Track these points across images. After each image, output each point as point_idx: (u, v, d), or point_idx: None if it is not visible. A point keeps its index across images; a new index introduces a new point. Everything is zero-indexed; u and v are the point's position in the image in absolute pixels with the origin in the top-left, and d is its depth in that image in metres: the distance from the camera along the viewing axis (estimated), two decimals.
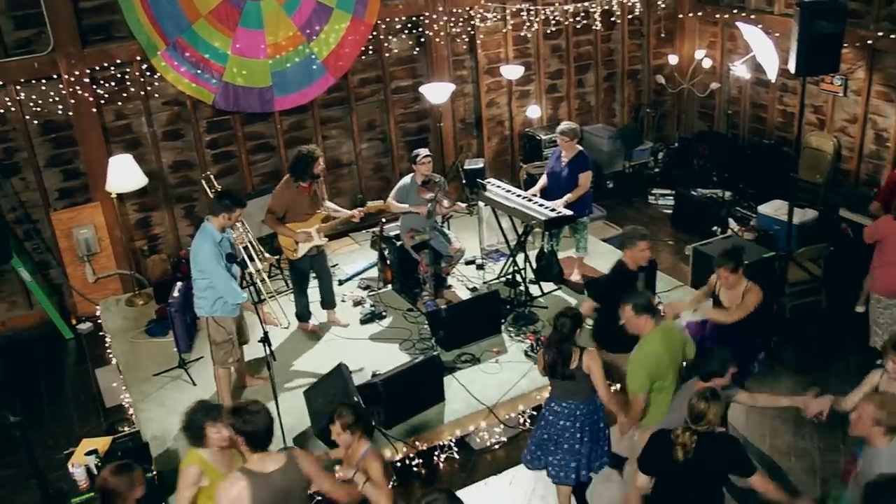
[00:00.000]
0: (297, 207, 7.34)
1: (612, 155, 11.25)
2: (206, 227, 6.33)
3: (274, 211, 7.35)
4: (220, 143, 9.60)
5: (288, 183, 7.36)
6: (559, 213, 7.67)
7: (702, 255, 8.24)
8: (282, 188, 7.41)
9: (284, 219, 7.36)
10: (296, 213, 7.34)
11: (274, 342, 7.69)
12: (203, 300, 6.46)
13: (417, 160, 7.94)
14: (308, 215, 7.40)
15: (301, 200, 7.35)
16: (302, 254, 7.45)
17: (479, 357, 7.39)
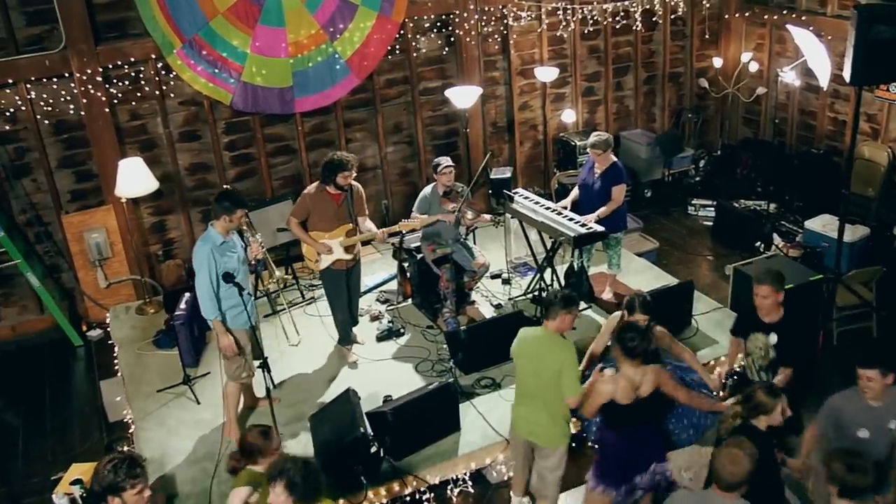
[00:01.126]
0: (320, 214, 6.89)
1: (651, 162, 10.70)
2: (209, 230, 6.04)
3: (295, 214, 7.01)
4: (238, 145, 9.23)
5: (317, 186, 6.95)
6: (590, 229, 7.16)
7: (743, 276, 7.67)
8: (307, 191, 7.01)
9: (307, 225, 6.98)
10: (318, 220, 6.91)
11: (286, 357, 7.43)
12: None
13: (438, 170, 7.50)
14: (332, 226, 6.92)
15: (325, 208, 6.88)
16: (324, 265, 6.98)
17: (499, 382, 6.92)
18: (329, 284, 7.15)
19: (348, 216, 6.95)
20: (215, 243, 5.94)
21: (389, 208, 10.12)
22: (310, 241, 6.92)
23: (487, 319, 7.07)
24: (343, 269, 7.02)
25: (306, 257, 7.17)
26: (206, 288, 5.93)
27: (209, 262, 5.89)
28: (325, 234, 6.89)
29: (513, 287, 8.45)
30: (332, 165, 6.75)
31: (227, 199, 6.00)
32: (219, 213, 5.97)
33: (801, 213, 9.81)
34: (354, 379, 7.08)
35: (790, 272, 7.47)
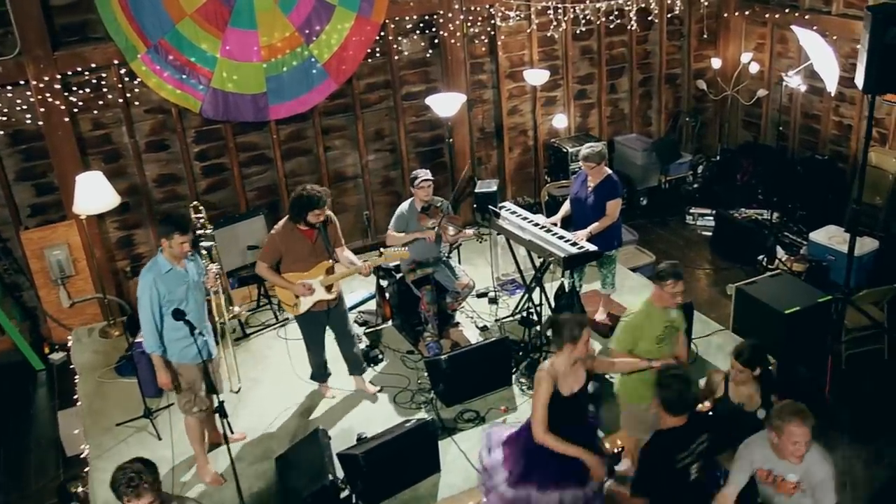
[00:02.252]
0: (294, 255, 6.12)
1: (647, 169, 10.20)
2: (156, 257, 5.54)
3: (264, 258, 6.16)
4: (209, 155, 8.71)
5: (285, 224, 6.15)
6: (581, 249, 6.65)
7: (746, 296, 7.17)
8: (276, 231, 6.18)
9: (281, 267, 6.20)
10: (293, 261, 6.13)
11: (257, 385, 6.93)
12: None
13: (416, 183, 6.98)
14: (309, 265, 6.18)
15: (299, 247, 6.11)
16: (305, 308, 6.24)
17: (483, 416, 6.42)
18: (308, 328, 6.45)
19: (325, 251, 6.22)
20: (160, 272, 5.43)
21: (371, 220, 9.60)
22: (285, 285, 6.15)
23: (470, 347, 6.55)
24: (324, 310, 6.36)
25: (283, 303, 6.46)
26: (147, 320, 5.45)
27: (150, 293, 5.39)
28: (301, 274, 6.16)
29: (500, 307, 7.94)
30: (302, 202, 5.98)
31: (167, 222, 5.52)
32: (160, 235, 5.51)
33: (804, 222, 9.32)
34: (327, 412, 6.59)
35: (796, 293, 7.06)
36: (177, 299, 5.44)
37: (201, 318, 5.64)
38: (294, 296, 6.19)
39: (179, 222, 5.49)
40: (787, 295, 6.95)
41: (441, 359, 6.36)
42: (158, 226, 5.57)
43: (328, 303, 6.29)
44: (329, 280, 6.20)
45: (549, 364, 4.82)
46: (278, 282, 6.18)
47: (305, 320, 6.36)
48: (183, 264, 5.55)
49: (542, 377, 4.75)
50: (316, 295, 6.19)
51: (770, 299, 6.90)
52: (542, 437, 4.76)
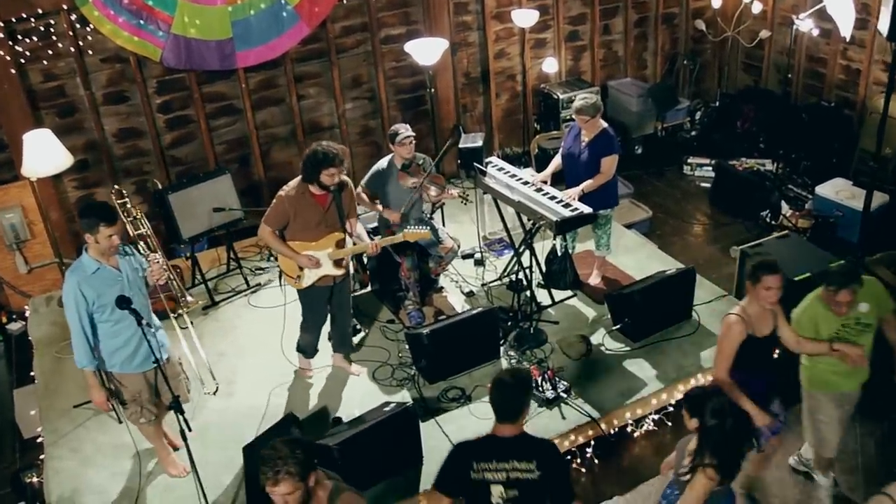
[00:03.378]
0: (303, 222, 5.49)
1: (642, 116, 9.63)
2: (81, 257, 4.76)
3: (269, 222, 5.55)
4: (173, 107, 8.07)
5: (297, 186, 5.50)
6: (575, 211, 6.11)
7: (749, 259, 6.66)
8: (285, 192, 5.50)
9: (286, 233, 5.58)
10: (301, 229, 5.51)
11: (225, 358, 6.46)
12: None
13: (396, 140, 6.39)
14: (319, 234, 5.59)
15: (310, 213, 5.48)
16: (309, 283, 5.67)
17: (469, 394, 5.96)
18: (310, 303, 5.87)
19: (338, 221, 5.60)
20: (85, 273, 4.69)
21: (350, 172, 8.96)
22: (290, 254, 5.53)
23: (454, 319, 6.04)
24: (329, 286, 5.77)
25: (285, 273, 5.79)
26: (76, 331, 4.74)
27: (76, 300, 4.66)
28: (308, 244, 5.56)
29: (486, 269, 7.43)
30: (315, 160, 5.33)
31: (89, 213, 4.65)
32: (84, 230, 4.67)
33: (808, 174, 8.80)
34: (300, 390, 6.12)
35: (805, 257, 6.57)
36: (109, 303, 4.68)
37: (146, 316, 4.94)
38: (298, 267, 5.63)
39: (103, 211, 4.66)
40: (796, 259, 6.46)
41: (423, 333, 5.86)
42: (79, 219, 4.83)
43: (334, 278, 5.73)
44: (338, 254, 5.63)
45: (741, 309, 4.64)
46: (282, 250, 5.57)
47: (307, 295, 5.79)
48: (114, 261, 4.80)
49: (732, 321, 4.60)
50: (322, 269, 5.62)
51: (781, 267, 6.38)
52: (723, 377, 4.62)
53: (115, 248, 4.74)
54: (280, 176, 8.59)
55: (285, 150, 8.69)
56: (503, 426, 3.79)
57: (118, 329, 4.83)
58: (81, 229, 4.73)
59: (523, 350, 6.31)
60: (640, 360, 6.22)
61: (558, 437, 5.55)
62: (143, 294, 5.03)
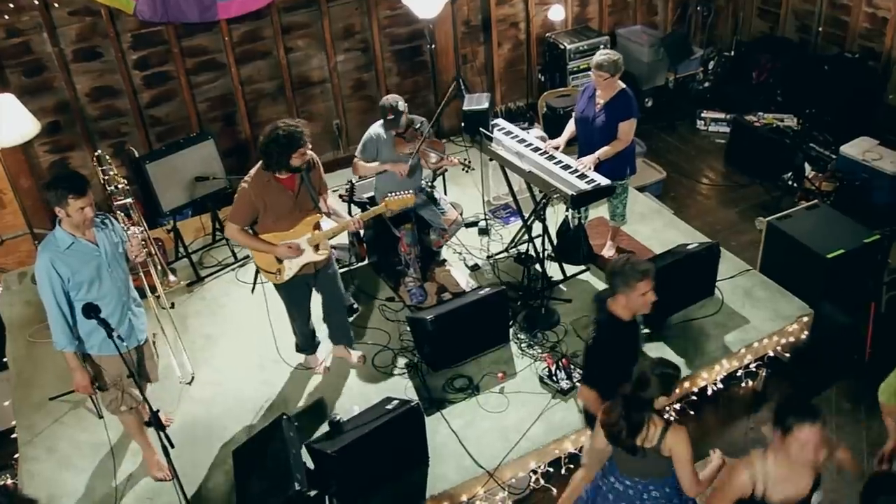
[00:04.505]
0: (275, 211, 4.91)
1: (654, 67, 9.03)
2: (54, 230, 4.36)
3: (236, 219, 4.95)
4: (151, 63, 7.44)
5: (258, 174, 4.88)
6: (592, 184, 5.59)
7: (778, 233, 6.18)
8: (247, 183, 4.87)
9: (257, 227, 5.02)
10: (273, 220, 4.94)
11: (213, 344, 5.98)
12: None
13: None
14: (294, 221, 5.01)
15: (280, 200, 4.90)
16: (290, 276, 5.12)
17: (478, 384, 5.51)
18: (293, 295, 5.30)
19: (311, 203, 5.03)
20: (58, 248, 4.28)
21: (342, 129, 8.48)
22: (266, 249, 4.97)
23: (460, 304, 5.54)
24: (311, 273, 5.22)
25: (263, 271, 5.20)
26: (52, 310, 4.34)
27: (50, 278, 4.26)
28: (284, 234, 4.99)
29: (492, 239, 6.93)
30: (280, 144, 4.67)
31: (56, 185, 4.22)
32: (52, 204, 4.26)
33: (829, 130, 8.25)
34: (295, 382, 5.66)
35: (838, 231, 6.11)
36: (86, 280, 4.33)
37: (121, 298, 4.54)
38: (276, 260, 5.07)
39: (72, 182, 4.22)
40: (828, 233, 5.99)
41: (426, 319, 5.38)
42: (47, 193, 4.32)
43: (315, 264, 5.19)
44: (317, 238, 5.07)
45: (754, 460, 3.60)
46: (257, 245, 4.99)
47: (289, 289, 5.23)
48: (91, 234, 4.39)
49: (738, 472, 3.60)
50: (303, 257, 5.07)
51: (809, 239, 5.93)
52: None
53: (89, 221, 4.32)
54: None
55: (273, 107, 8.09)
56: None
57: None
58: (50, 203, 4.28)
59: (534, 333, 5.86)
60: (660, 343, 5.76)
61: (575, 434, 5.13)
62: (123, 269, 4.62)
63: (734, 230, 7.35)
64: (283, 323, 5.56)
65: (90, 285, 4.36)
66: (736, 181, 8.09)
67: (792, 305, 5.98)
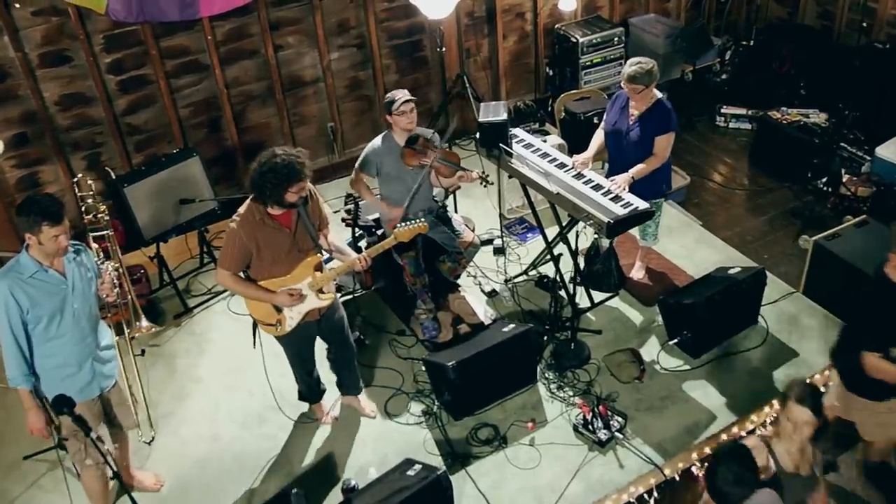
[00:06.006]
0: (270, 253, 4.28)
1: (670, 59, 8.39)
2: (20, 255, 3.90)
3: (226, 264, 4.31)
4: (126, 66, 6.73)
5: (250, 210, 4.26)
6: (629, 209, 4.98)
7: (827, 254, 5.62)
8: (237, 223, 4.23)
9: (250, 272, 4.39)
10: (269, 263, 4.31)
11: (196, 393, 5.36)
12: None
13: (394, 108, 5.14)
14: (293, 264, 4.37)
15: (276, 241, 4.27)
16: (292, 326, 4.50)
17: (504, 434, 4.94)
18: (295, 347, 4.71)
19: (311, 241, 4.40)
20: (20, 275, 3.82)
21: (338, 132, 7.81)
22: (264, 297, 4.34)
23: (485, 347, 4.92)
24: (315, 320, 4.60)
25: (260, 323, 4.56)
26: (8, 343, 3.87)
27: (7, 306, 3.80)
28: (283, 280, 4.36)
29: (508, 259, 6.34)
30: (278, 177, 4.04)
31: (30, 210, 3.76)
32: (22, 230, 3.82)
33: (860, 127, 7.69)
34: (298, 437, 5.05)
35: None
36: (46, 314, 3.87)
37: (84, 338, 4.03)
38: (275, 310, 4.44)
39: (47, 208, 3.76)
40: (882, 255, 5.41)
41: (447, 365, 4.78)
42: (18, 217, 3.78)
43: (320, 310, 4.56)
44: (320, 281, 4.43)
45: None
46: (253, 294, 4.36)
47: (291, 339, 4.61)
48: (60, 264, 3.93)
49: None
50: (306, 303, 4.44)
51: (863, 262, 5.36)
52: None
53: (63, 251, 3.88)
54: (257, 140, 7.38)
55: (262, 111, 7.41)
56: None
57: (54, 347, 3.96)
58: (21, 228, 3.83)
59: (563, 371, 5.29)
60: (702, 381, 5.23)
61: (616, 493, 4.58)
62: (92, 306, 4.11)
63: (765, 241, 6.80)
64: (283, 364, 4.94)
65: (50, 320, 3.90)
66: (763, 185, 7.52)
67: None
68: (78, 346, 4.01)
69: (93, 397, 4.14)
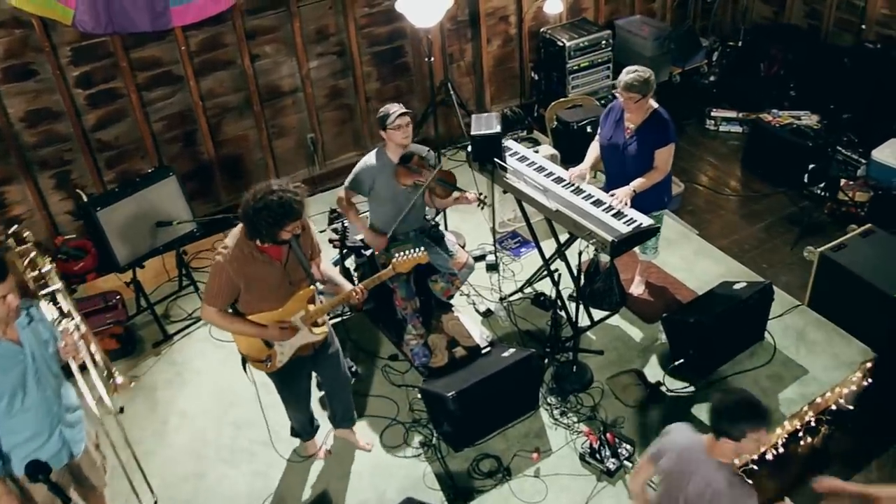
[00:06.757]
0: (258, 286, 3.98)
1: (657, 62, 8.16)
2: None
3: (213, 301, 4.01)
4: (95, 79, 6.40)
5: (239, 244, 3.94)
6: (633, 225, 4.76)
7: (833, 266, 5.43)
8: (225, 257, 3.90)
9: (238, 306, 4.10)
10: (259, 297, 4.02)
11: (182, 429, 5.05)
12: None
13: (388, 123, 4.86)
14: (284, 297, 4.09)
15: (266, 274, 3.97)
16: (283, 363, 4.23)
17: (508, 465, 4.70)
18: (287, 381, 4.42)
19: (303, 273, 4.10)
20: None
21: (318, 143, 7.52)
22: (255, 333, 4.06)
23: (485, 375, 4.67)
24: (308, 354, 4.33)
25: (251, 360, 4.25)
26: None
27: None
28: (274, 314, 4.07)
29: (503, 276, 6.09)
30: (273, 215, 3.73)
31: None
32: None
33: (853, 130, 7.54)
34: (293, 473, 4.78)
35: None
36: (7, 391, 3.40)
37: (51, 409, 3.59)
38: (266, 345, 4.15)
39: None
40: (894, 266, 5.26)
41: (446, 396, 4.53)
42: None
43: (314, 344, 4.28)
44: (314, 315, 4.15)
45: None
46: (243, 329, 4.06)
47: (283, 375, 4.33)
48: (13, 332, 3.44)
49: None
50: (299, 338, 4.16)
51: (871, 274, 5.19)
52: None
53: (13, 313, 3.36)
54: (234, 154, 7.08)
55: (239, 123, 7.10)
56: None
57: (19, 423, 3.49)
58: None
59: (566, 395, 5.06)
60: (710, 404, 4.98)
61: None
62: (55, 373, 3.64)
63: (763, 249, 6.62)
64: (272, 395, 4.64)
65: (12, 398, 3.42)
66: (757, 190, 7.34)
67: (852, 349, 5.30)
68: (46, 417, 3.57)
69: (62, 465, 3.72)
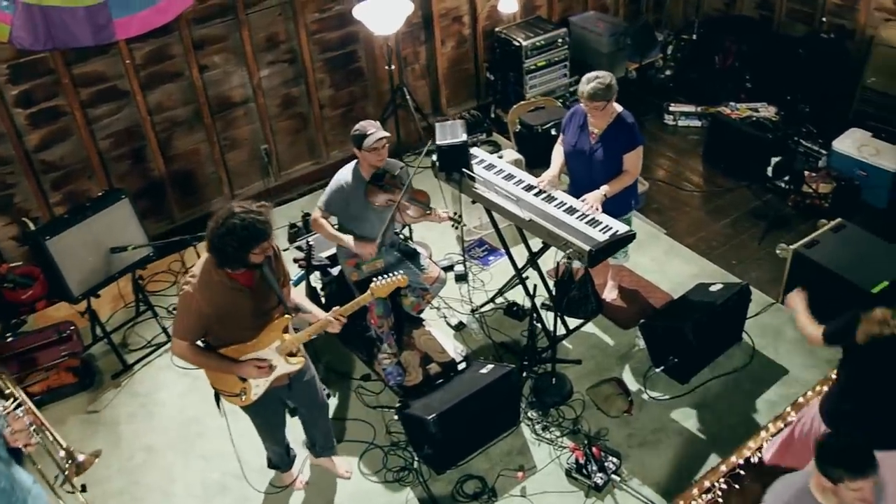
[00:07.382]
0: (232, 319, 3.76)
1: (614, 57, 8.12)
2: None
3: (182, 334, 3.76)
4: (36, 98, 6.07)
5: (206, 272, 3.70)
6: (609, 232, 4.64)
7: (807, 263, 5.38)
8: (193, 286, 3.67)
9: (209, 339, 3.86)
10: (232, 329, 3.79)
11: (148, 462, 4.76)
12: None
13: (365, 144, 4.67)
14: (257, 328, 3.84)
15: (237, 304, 3.74)
16: (258, 395, 3.99)
17: (493, 486, 4.56)
18: (262, 414, 4.21)
19: (276, 300, 3.86)
20: None
21: (272, 154, 7.28)
22: (229, 369, 3.84)
23: (463, 396, 4.50)
24: (284, 385, 4.12)
25: (223, 394, 4.04)
26: None
27: None
28: (247, 346, 3.84)
29: (472, 286, 5.94)
30: (239, 238, 3.50)
31: None
32: None
33: (811, 121, 7.55)
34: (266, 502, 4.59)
35: (878, 257, 5.39)
36: None
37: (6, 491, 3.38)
38: (238, 381, 3.91)
39: None
40: (866, 261, 5.23)
41: (426, 419, 4.37)
42: None
43: (290, 374, 4.07)
44: (290, 344, 3.93)
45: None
46: (216, 365, 3.84)
47: (259, 407, 4.09)
48: None
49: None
50: (277, 369, 3.93)
51: (847, 270, 5.16)
52: None
53: None
54: (186, 169, 6.81)
55: (189, 137, 6.83)
56: None
57: None
58: None
59: (547, 409, 4.94)
60: (693, 410, 4.95)
61: None
62: (4, 459, 3.44)
63: (731, 245, 6.57)
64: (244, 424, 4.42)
65: None
66: (720, 185, 7.30)
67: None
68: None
69: None
